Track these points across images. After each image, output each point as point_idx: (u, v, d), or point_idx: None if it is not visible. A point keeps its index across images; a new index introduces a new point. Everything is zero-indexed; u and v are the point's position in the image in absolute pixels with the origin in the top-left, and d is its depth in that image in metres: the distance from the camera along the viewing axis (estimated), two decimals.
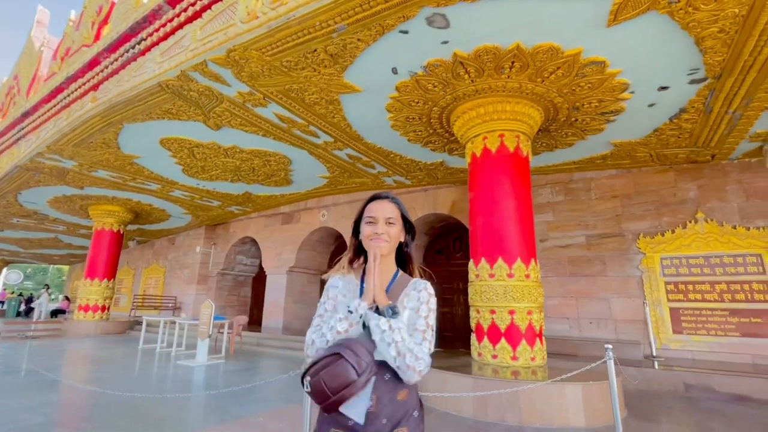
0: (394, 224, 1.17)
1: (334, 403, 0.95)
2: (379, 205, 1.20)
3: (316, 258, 12.56)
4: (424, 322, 1.09)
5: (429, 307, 1.12)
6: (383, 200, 1.21)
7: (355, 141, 6.76)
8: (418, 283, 1.16)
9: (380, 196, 1.24)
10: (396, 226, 1.17)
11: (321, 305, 1.21)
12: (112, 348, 8.15)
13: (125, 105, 6.05)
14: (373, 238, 1.15)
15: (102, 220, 11.59)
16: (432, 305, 1.13)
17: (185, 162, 8.47)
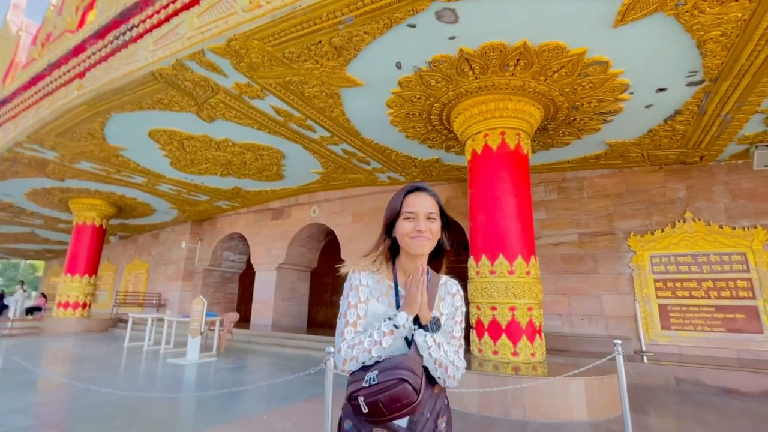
0: (435, 220, 1.08)
1: (390, 419, 0.92)
2: (419, 199, 1.09)
3: (306, 254, 12.44)
4: (459, 328, 1.08)
5: (462, 311, 1.11)
6: (421, 193, 1.11)
7: (352, 136, 6.69)
8: (450, 284, 1.13)
9: (418, 187, 1.13)
10: (437, 222, 1.09)
11: (347, 305, 1.11)
12: (96, 346, 7.87)
13: (114, 94, 5.82)
14: (414, 236, 1.06)
15: (83, 214, 11.17)
16: (464, 308, 1.12)
17: (174, 155, 8.23)
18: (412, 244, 1.06)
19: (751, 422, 3.62)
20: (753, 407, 4.07)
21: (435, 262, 1.19)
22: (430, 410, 1.00)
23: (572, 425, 3.32)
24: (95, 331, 10.56)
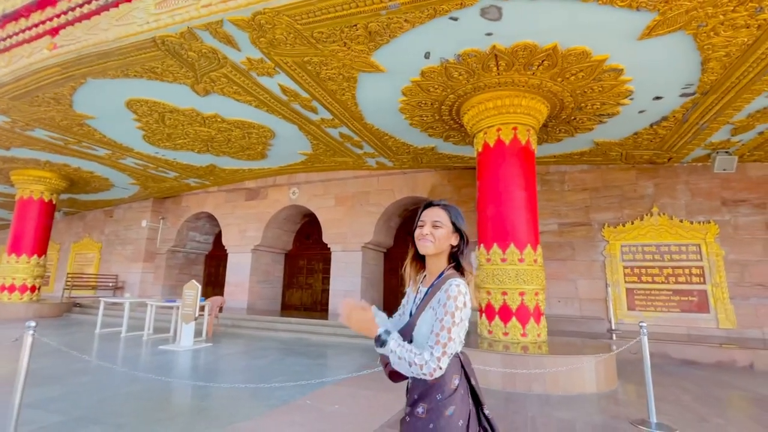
0: (440, 227, 1.24)
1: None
2: (430, 211, 1.29)
3: (282, 237, 12.17)
4: (445, 333, 1.12)
5: (447, 309, 1.14)
6: (434, 207, 1.30)
7: (355, 120, 6.61)
8: (449, 283, 1.18)
9: (433, 203, 1.32)
10: (443, 229, 1.24)
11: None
12: (65, 333, 7.22)
13: (99, 57, 5.23)
14: (420, 238, 1.25)
15: (29, 187, 9.95)
16: (451, 308, 1.13)
17: (150, 127, 7.59)
18: (419, 245, 1.27)
19: (717, 387, 4.32)
20: (713, 375, 4.84)
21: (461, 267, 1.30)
22: (418, 393, 1.19)
23: (586, 396, 3.75)
24: (48, 317, 9.61)
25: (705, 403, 3.74)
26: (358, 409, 3.25)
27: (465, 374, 1.21)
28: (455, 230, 1.26)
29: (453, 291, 1.15)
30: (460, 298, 1.14)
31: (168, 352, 5.62)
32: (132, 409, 3.20)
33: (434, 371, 1.08)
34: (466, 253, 1.29)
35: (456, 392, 1.16)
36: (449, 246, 1.26)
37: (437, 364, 1.08)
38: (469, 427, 1.15)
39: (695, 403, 3.70)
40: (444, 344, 1.10)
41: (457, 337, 1.12)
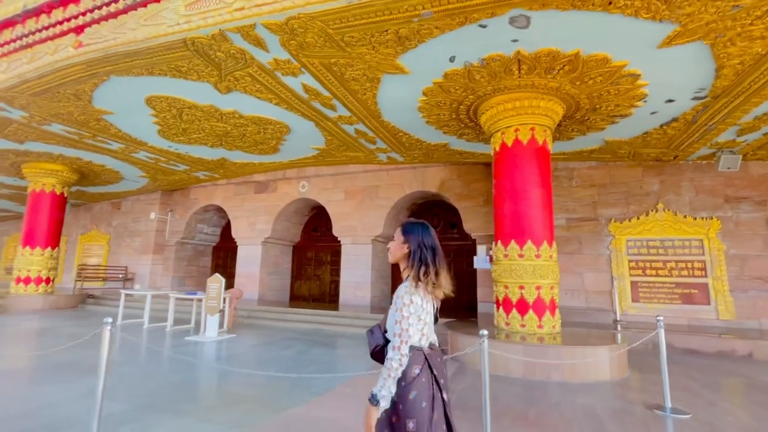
0: (394, 240, 1.63)
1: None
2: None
3: (291, 229, 12.36)
4: (398, 326, 1.41)
5: (397, 308, 1.44)
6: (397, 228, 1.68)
7: (372, 118, 6.76)
8: (399, 288, 1.49)
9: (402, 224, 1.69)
10: (395, 242, 1.61)
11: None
12: (87, 325, 7.40)
13: (126, 56, 5.32)
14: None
15: (41, 180, 10.01)
16: (399, 305, 1.44)
17: (167, 123, 7.69)
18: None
19: (721, 375, 4.63)
20: (716, 364, 5.16)
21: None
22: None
23: (601, 384, 4.04)
24: (64, 308, 9.79)
25: (712, 389, 4.04)
26: None
27: (429, 366, 1.45)
28: (405, 241, 1.55)
29: (400, 292, 1.46)
30: (406, 297, 1.43)
31: (196, 342, 5.84)
32: (186, 397, 3.43)
33: (401, 359, 1.38)
34: (419, 261, 1.50)
35: (417, 379, 1.40)
36: (406, 254, 1.55)
37: (399, 354, 1.38)
38: (434, 408, 1.40)
39: (703, 390, 4.00)
40: (399, 335, 1.39)
41: (408, 327, 1.40)
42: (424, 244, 1.54)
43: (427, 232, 1.59)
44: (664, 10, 3.48)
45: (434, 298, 1.55)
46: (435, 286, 1.50)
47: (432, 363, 1.46)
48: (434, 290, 1.51)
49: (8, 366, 4.48)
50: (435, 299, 1.56)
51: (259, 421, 2.92)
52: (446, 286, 1.54)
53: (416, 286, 1.46)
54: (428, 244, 1.55)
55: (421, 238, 1.55)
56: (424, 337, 1.48)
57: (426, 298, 1.48)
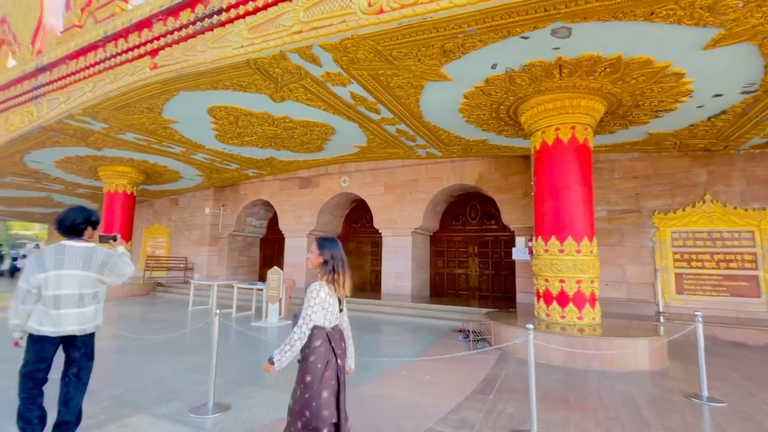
0: (311, 252, 2.13)
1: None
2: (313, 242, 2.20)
3: (333, 221, 13.02)
4: (304, 312, 1.97)
5: (306, 299, 2.00)
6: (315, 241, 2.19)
7: (414, 119, 7.10)
8: (311, 286, 2.04)
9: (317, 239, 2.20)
10: (312, 253, 2.12)
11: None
12: (164, 310, 8.43)
13: (196, 75, 5.97)
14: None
15: (114, 181, 11.21)
16: (308, 297, 1.99)
17: (223, 128, 8.41)
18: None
19: (764, 367, 4.72)
20: (761, 356, 5.21)
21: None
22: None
23: (640, 373, 4.29)
24: (139, 295, 11.05)
25: (753, 380, 4.18)
26: (446, 379, 3.96)
27: (329, 340, 1.99)
28: (320, 253, 2.07)
29: (311, 288, 2.01)
30: (314, 292, 1.99)
31: (261, 328, 6.58)
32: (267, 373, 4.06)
33: (301, 335, 1.93)
34: (330, 269, 2.05)
35: (317, 348, 1.96)
36: (321, 262, 2.07)
37: (300, 330, 1.94)
38: (326, 369, 1.94)
39: (743, 381, 4.16)
40: (303, 317, 1.95)
41: (312, 313, 1.94)
42: (334, 256, 2.06)
43: (337, 247, 2.12)
44: (707, 17, 3.57)
45: (340, 295, 2.08)
46: (339, 286, 2.05)
47: (331, 338, 2.01)
48: (339, 290, 2.06)
49: (117, 345, 5.36)
50: (340, 296, 2.10)
51: None
52: (347, 288, 2.11)
53: (323, 285, 2.01)
54: (337, 256, 2.07)
55: (332, 251, 2.07)
56: (327, 321, 2.01)
57: (332, 295, 2.02)
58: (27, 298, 2.29)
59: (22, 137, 8.66)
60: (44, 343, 2.30)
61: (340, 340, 2.08)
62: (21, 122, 8.60)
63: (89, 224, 2.49)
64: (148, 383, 3.77)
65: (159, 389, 3.60)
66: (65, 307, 2.32)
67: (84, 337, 2.43)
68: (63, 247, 2.38)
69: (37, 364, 2.29)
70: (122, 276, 2.54)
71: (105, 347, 5.25)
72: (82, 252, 2.41)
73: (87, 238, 2.51)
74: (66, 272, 2.33)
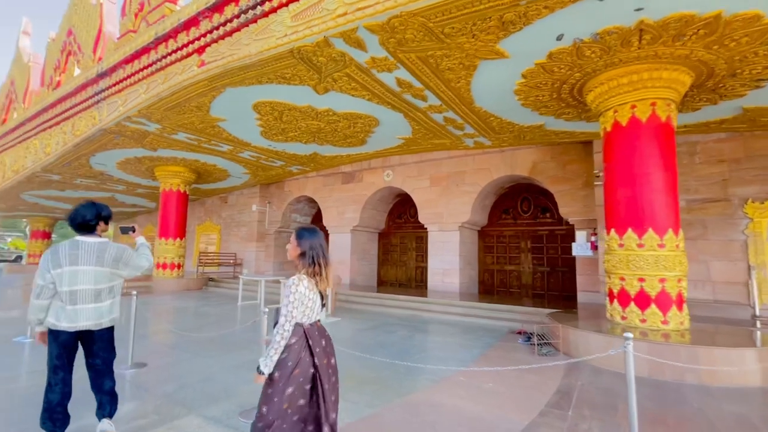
0: (290, 243, 2.03)
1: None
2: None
3: (376, 216, 12.80)
4: (284, 309, 1.83)
5: (285, 295, 1.87)
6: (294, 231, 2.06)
7: (463, 105, 6.64)
8: (289, 279, 1.92)
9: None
10: (291, 244, 2.02)
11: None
12: (216, 305, 8.65)
13: (241, 70, 5.92)
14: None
15: (168, 181, 11.72)
16: (287, 293, 1.86)
17: (268, 124, 8.41)
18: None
19: None
20: None
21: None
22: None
23: (751, 390, 3.60)
24: (192, 290, 11.51)
25: None
26: (512, 389, 3.54)
27: (306, 337, 1.87)
28: (299, 244, 1.96)
29: (289, 282, 1.88)
30: (293, 287, 1.85)
31: None
32: None
33: (283, 334, 1.81)
34: (310, 261, 1.93)
35: (290, 346, 1.84)
36: (299, 254, 1.96)
37: (282, 329, 1.81)
38: (297, 366, 1.83)
39: None
40: (285, 315, 1.82)
41: (292, 310, 1.82)
42: (313, 246, 1.95)
43: (317, 237, 1.99)
44: None
45: (322, 289, 1.95)
46: (321, 279, 1.93)
47: (309, 335, 1.89)
48: (320, 283, 1.93)
49: (171, 340, 5.46)
50: (322, 289, 1.96)
51: (387, 402, 3.19)
52: (330, 281, 1.99)
53: (303, 278, 1.88)
54: (317, 247, 1.96)
55: (312, 241, 1.96)
56: (306, 317, 1.89)
57: (312, 289, 1.90)
58: (42, 293, 2.32)
59: (87, 140, 9.21)
60: (63, 336, 2.35)
61: (320, 338, 1.95)
62: (85, 126, 9.15)
63: (100, 219, 2.47)
64: (199, 380, 3.70)
65: (209, 388, 3.50)
66: (81, 302, 2.35)
67: (100, 331, 2.46)
68: (77, 243, 2.39)
69: (58, 358, 2.35)
70: (138, 269, 2.56)
71: (160, 342, 5.35)
72: (96, 247, 2.40)
73: (100, 233, 2.51)
74: (81, 268, 2.34)
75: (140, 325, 6.06)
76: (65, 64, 10.66)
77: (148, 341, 5.25)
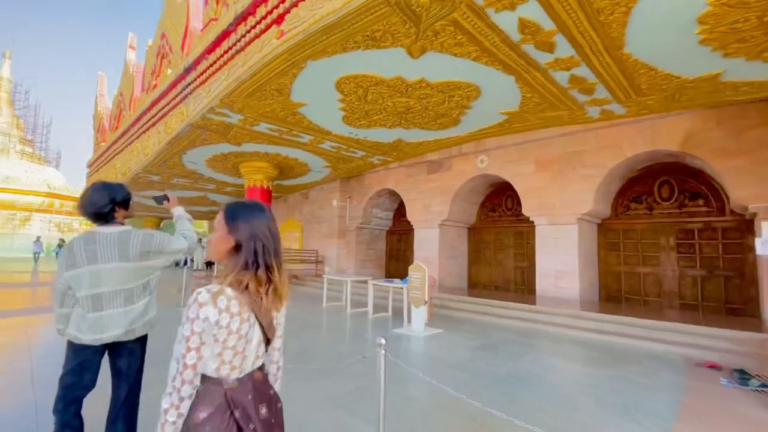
0: (216, 230, 1.16)
1: None
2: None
3: (467, 209, 11.35)
4: (176, 352, 1.03)
5: (182, 322, 1.03)
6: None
7: (607, 52, 4.97)
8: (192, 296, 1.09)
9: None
10: (216, 232, 1.15)
11: None
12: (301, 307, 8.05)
13: (323, 33, 5.01)
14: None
15: (252, 177, 11.63)
16: (182, 322, 1.02)
17: (351, 107, 7.54)
18: None
19: None
20: None
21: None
22: None
23: None
24: None
25: None
26: None
27: (230, 408, 1.01)
28: (230, 230, 1.12)
29: (190, 300, 1.03)
30: (192, 308, 1.01)
31: (408, 337, 5.35)
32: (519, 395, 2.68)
33: (175, 393, 0.98)
34: (252, 260, 1.09)
35: (199, 427, 0.96)
36: (231, 248, 1.12)
37: (173, 388, 0.98)
38: None
39: None
40: (178, 360, 1.00)
41: (190, 354, 0.97)
42: (257, 235, 1.11)
43: (261, 218, 1.15)
44: None
45: (268, 311, 1.10)
46: (269, 293, 1.09)
47: (235, 403, 1.03)
48: (267, 299, 1.08)
49: None
50: (268, 312, 1.11)
51: None
52: (284, 295, 1.14)
53: (223, 292, 1.02)
54: (261, 236, 1.11)
55: (253, 226, 1.12)
56: (228, 366, 1.03)
57: (242, 314, 1.03)
58: (64, 301, 1.90)
59: (177, 137, 9.27)
60: (85, 352, 1.87)
61: (259, 402, 1.07)
62: (175, 123, 9.21)
63: (116, 205, 1.94)
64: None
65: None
66: (107, 307, 1.88)
67: (131, 344, 1.96)
68: (93, 236, 1.88)
69: (77, 377, 1.85)
70: (176, 253, 2.03)
71: None
72: (117, 238, 1.88)
73: (121, 220, 1.98)
74: (102, 266, 1.85)
75: None
76: (160, 68, 11.05)
77: None
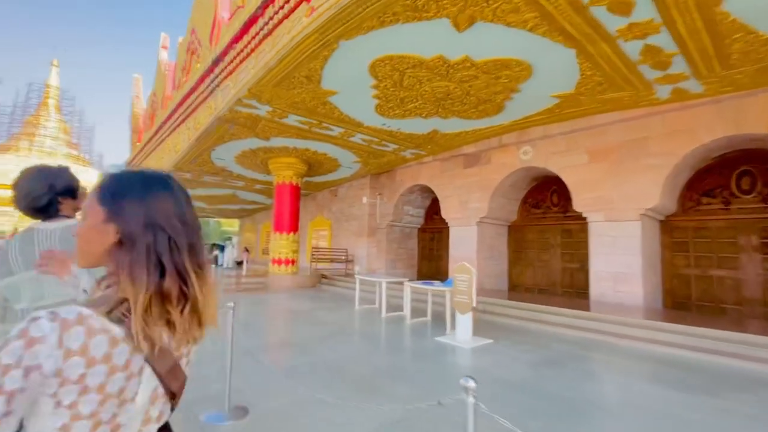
0: (85, 219, 0.70)
1: None
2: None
3: (506, 206, 10.51)
4: None
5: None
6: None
7: (697, 10, 4.12)
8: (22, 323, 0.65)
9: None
10: (86, 219, 0.69)
11: None
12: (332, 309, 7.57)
13: (358, 5, 4.46)
14: None
15: (281, 173, 11.31)
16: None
17: (385, 95, 6.98)
18: None
19: None
20: None
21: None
22: None
23: None
24: (306, 287, 10.89)
25: None
26: None
27: None
28: (109, 218, 0.66)
29: (11, 333, 0.57)
30: (15, 346, 0.55)
31: (453, 348, 4.71)
32: None
33: None
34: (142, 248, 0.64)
35: None
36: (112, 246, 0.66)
37: None
38: None
39: None
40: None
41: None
42: (160, 222, 0.66)
43: (170, 196, 0.69)
44: None
45: (179, 347, 0.68)
46: (192, 314, 0.66)
47: None
48: (191, 327, 0.67)
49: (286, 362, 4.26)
50: (179, 344, 0.68)
51: None
52: (211, 316, 0.69)
53: (85, 321, 0.58)
54: (169, 224, 0.67)
55: (148, 209, 0.67)
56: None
57: (115, 357, 0.59)
58: (5, 316, 1.38)
59: (206, 132, 9.03)
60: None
61: None
62: (204, 118, 8.97)
63: (57, 194, 1.41)
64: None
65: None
66: None
67: None
68: (31, 235, 1.41)
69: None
70: None
71: (271, 364, 4.14)
72: (60, 236, 1.40)
73: (70, 212, 1.45)
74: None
75: (251, 334, 5.12)
76: (190, 63, 10.91)
77: (256, 363, 3.94)
